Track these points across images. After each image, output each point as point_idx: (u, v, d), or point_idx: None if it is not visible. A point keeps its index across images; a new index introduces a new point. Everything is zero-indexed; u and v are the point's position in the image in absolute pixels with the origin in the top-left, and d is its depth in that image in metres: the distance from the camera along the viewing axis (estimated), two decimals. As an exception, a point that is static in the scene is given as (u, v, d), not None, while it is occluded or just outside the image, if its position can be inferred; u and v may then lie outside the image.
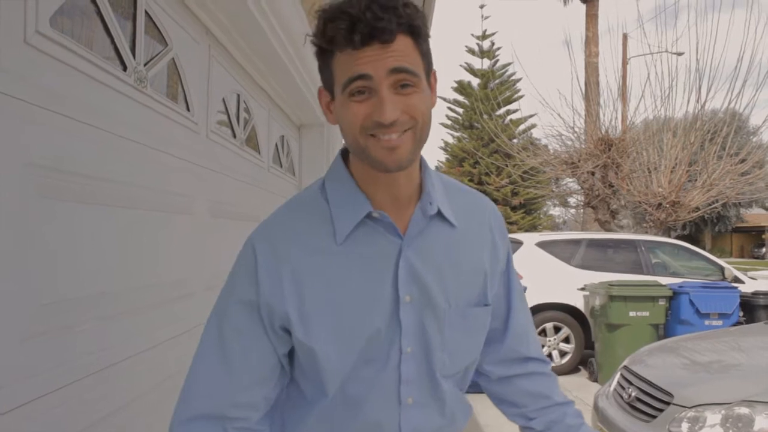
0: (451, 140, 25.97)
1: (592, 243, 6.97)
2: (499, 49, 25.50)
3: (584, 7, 17.49)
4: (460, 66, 26.15)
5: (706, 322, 5.80)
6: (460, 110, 25.58)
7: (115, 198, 1.51)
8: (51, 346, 1.23)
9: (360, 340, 0.94)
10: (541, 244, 6.82)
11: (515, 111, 24.00)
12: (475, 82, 25.38)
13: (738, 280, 6.69)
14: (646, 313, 5.82)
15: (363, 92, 0.85)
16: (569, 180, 12.45)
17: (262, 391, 0.96)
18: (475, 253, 1.04)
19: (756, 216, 33.78)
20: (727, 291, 5.95)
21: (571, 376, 6.37)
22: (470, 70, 25.67)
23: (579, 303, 6.50)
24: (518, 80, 24.82)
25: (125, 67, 1.62)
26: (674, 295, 5.94)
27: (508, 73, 25.14)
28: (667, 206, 9.57)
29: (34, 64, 1.20)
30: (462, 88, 25.50)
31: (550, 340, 6.43)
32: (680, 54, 11.00)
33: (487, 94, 21.55)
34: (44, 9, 1.23)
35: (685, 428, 2.67)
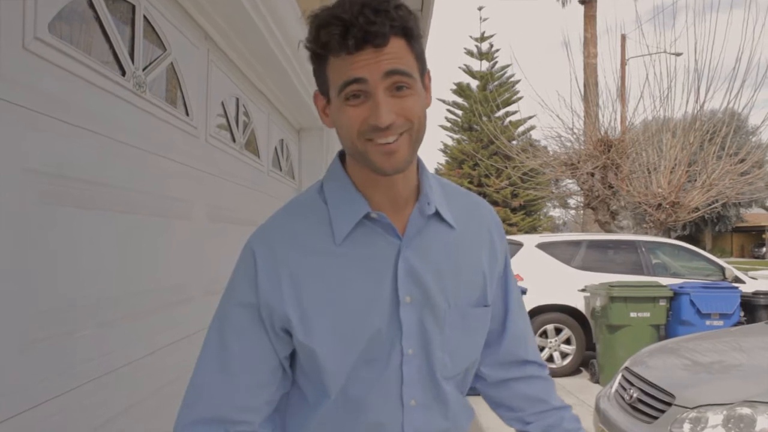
0: (450, 142, 26.02)
1: (593, 244, 6.97)
2: (497, 50, 25.58)
3: (582, 9, 17.52)
4: (459, 68, 26.24)
5: (707, 322, 5.79)
6: (460, 112, 25.62)
7: (115, 203, 1.51)
8: (51, 352, 1.23)
9: (360, 341, 0.93)
10: (542, 246, 6.81)
11: (514, 113, 24.09)
12: (474, 84, 25.45)
13: (738, 280, 6.68)
14: (647, 314, 5.81)
15: (358, 96, 0.85)
16: (569, 181, 12.44)
17: (264, 394, 0.96)
18: (474, 255, 1.04)
19: (756, 216, 33.78)
20: (728, 291, 5.95)
21: (572, 378, 6.37)
22: (469, 72, 25.71)
23: (580, 304, 6.49)
24: (517, 82, 24.90)
25: (124, 72, 1.62)
26: (675, 296, 5.94)
27: (507, 74, 25.21)
28: (667, 207, 9.57)
29: (33, 69, 1.19)
30: (461, 90, 25.54)
31: (551, 342, 6.42)
32: (679, 54, 11.01)
33: (486, 96, 21.59)
34: (43, 15, 1.23)
35: (686, 429, 2.66)
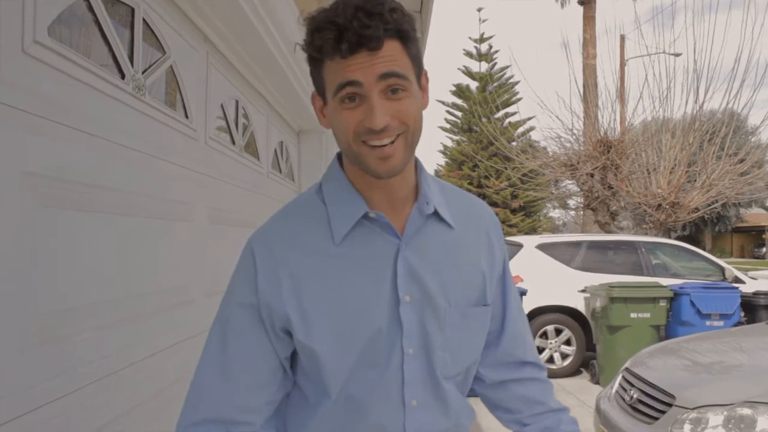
0: (450, 144, 26.01)
1: (593, 245, 6.97)
2: (497, 52, 25.57)
3: (581, 9, 17.54)
4: (458, 69, 26.23)
5: (708, 322, 5.79)
6: (459, 114, 25.61)
7: (115, 206, 1.52)
8: (51, 354, 1.23)
9: (360, 340, 0.94)
10: (541, 247, 6.81)
11: (514, 114, 24.08)
12: (474, 85, 25.44)
13: (738, 281, 6.68)
14: (647, 315, 5.81)
15: (354, 99, 0.86)
16: (568, 182, 12.44)
17: (265, 394, 0.96)
18: (473, 254, 1.04)
19: (756, 216, 33.77)
20: (728, 291, 5.95)
21: (572, 379, 6.36)
22: (468, 73, 25.71)
23: (580, 305, 6.49)
24: (516, 83, 24.90)
25: (123, 75, 1.62)
26: (675, 296, 5.94)
27: (507, 75, 25.20)
28: (667, 207, 9.57)
29: (33, 73, 1.20)
30: (460, 91, 25.54)
31: (551, 343, 6.42)
32: (678, 55, 11.02)
33: (485, 97, 21.59)
34: (42, 18, 1.23)
35: (687, 430, 2.66)
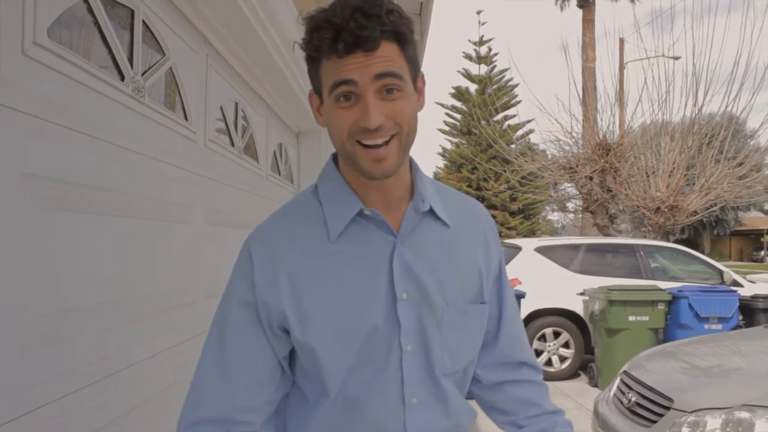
0: (449, 146, 26.05)
1: (591, 248, 6.97)
2: (496, 54, 25.64)
3: (581, 13, 17.59)
4: (458, 72, 26.27)
5: (706, 326, 5.79)
6: (458, 116, 25.66)
7: (114, 207, 1.52)
8: (51, 356, 1.23)
9: (358, 338, 0.94)
10: (540, 250, 6.82)
11: (513, 116, 24.13)
12: (473, 88, 25.48)
13: (737, 284, 6.68)
14: (645, 318, 5.81)
15: (349, 98, 0.87)
16: (567, 185, 12.45)
17: (264, 394, 0.96)
18: (470, 253, 1.05)
19: (754, 219, 33.80)
20: (727, 294, 5.95)
21: (571, 381, 6.36)
22: (468, 76, 25.76)
23: (578, 308, 6.49)
24: (516, 86, 24.95)
25: (123, 77, 1.62)
26: (673, 300, 5.94)
27: (506, 78, 25.28)
28: (666, 210, 9.58)
29: (32, 75, 1.20)
30: (460, 94, 25.58)
31: (549, 346, 6.42)
32: (677, 58, 11.03)
33: (484, 99, 21.60)
34: (42, 20, 1.23)
35: (685, 433, 2.66)
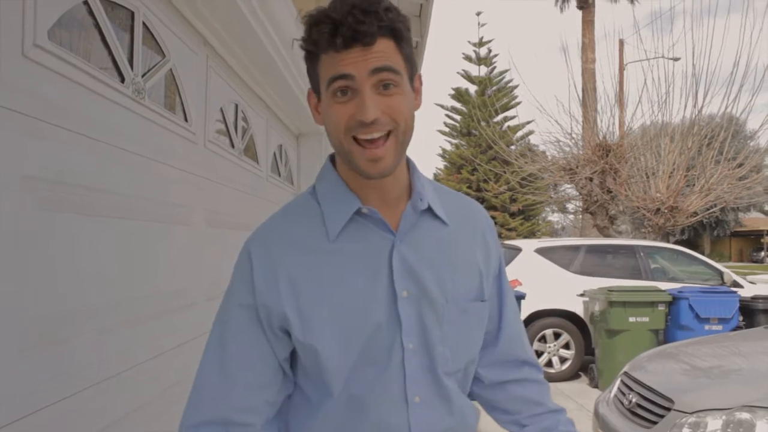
0: (449, 147, 26.02)
1: (591, 249, 6.96)
2: (496, 56, 25.62)
3: (580, 14, 17.60)
4: (458, 73, 26.26)
5: (706, 326, 5.79)
6: (458, 117, 25.64)
7: (114, 209, 1.52)
8: (50, 358, 1.23)
9: (360, 336, 0.94)
10: (540, 251, 6.81)
11: (513, 118, 24.08)
12: (473, 89, 25.46)
13: (737, 285, 6.67)
14: (645, 319, 5.81)
15: (346, 93, 0.88)
16: (567, 186, 12.45)
17: (265, 394, 0.96)
18: (469, 251, 1.05)
19: (754, 220, 33.79)
20: (727, 295, 5.94)
21: (571, 382, 6.36)
22: (467, 77, 25.74)
23: (579, 309, 6.49)
24: (515, 87, 24.92)
25: (123, 79, 1.63)
26: (674, 300, 5.94)
27: (506, 80, 25.25)
28: (666, 211, 9.58)
29: (33, 76, 1.20)
30: (459, 95, 25.57)
31: (550, 347, 6.42)
32: (677, 59, 11.04)
33: (484, 101, 21.58)
34: (42, 22, 1.23)
35: (686, 434, 2.66)
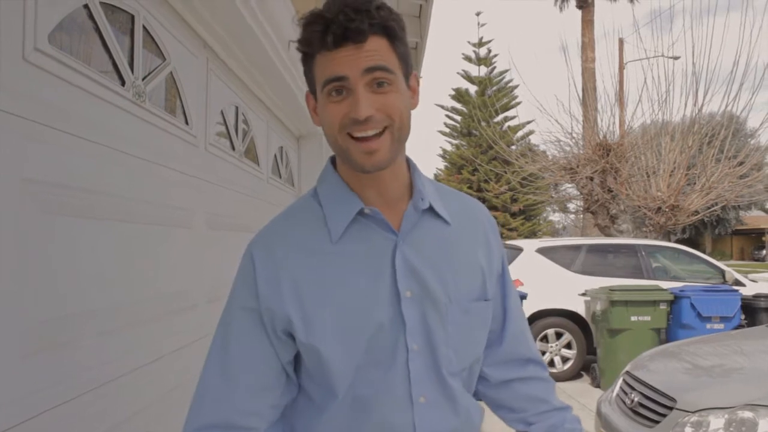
0: (449, 148, 26.05)
1: (592, 248, 6.96)
2: (495, 56, 25.65)
3: (580, 13, 17.60)
4: (458, 74, 26.28)
5: (708, 325, 5.78)
6: (458, 118, 25.66)
7: (115, 212, 1.52)
8: (51, 361, 1.23)
9: (364, 337, 0.94)
10: (542, 251, 6.81)
11: (513, 118, 24.11)
12: (473, 89, 25.47)
13: (739, 283, 6.67)
14: (647, 318, 5.80)
15: (341, 92, 0.88)
16: (568, 186, 12.45)
17: (268, 398, 0.96)
18: (471, 251, 1.05)
19: (755, 218, 33.74)
20: (729, 294, 5.94)
21: (573, 382, 6.35)
22: (467, 77, 25.76)
23: (580, 308, 6.48)
24: (515, 87, 24.95)
25: (123, 82, 1.63)
26: (675, 299, 5.93)
27: (506, 80, 25.27)
28: (667, 210, 9.57)
29: (33, 80, 1.20)
30: (459, 95, 25.58)
31: (551, 346, 6.41)
32: (676, 58, 11.02)
33: (484, 101, 21.59)
34: (43, 26, 1.23)
35: (688, 433, 2.66)
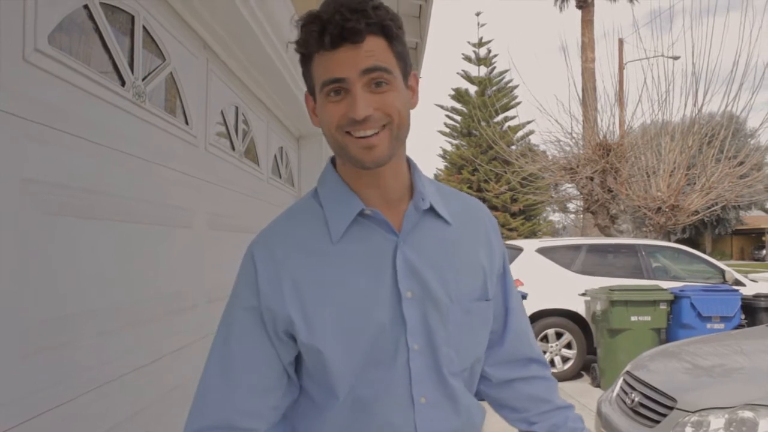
0: (449, 148, 26.05)
1: (593, 248, 6.96)
2: (495, 56, 25.64)
3: (580, 13, 17.60)
4: (457, 74, 26.27)
5: (708, 325, 5.78)
6: (458, 118, 25.66)
7: (115, 212, 1.52)
8: (51, 361, 1.23)
9: (365, 338, 0.94)
10: (542, 251, 6.81)
11: (513, 118, 24.11)
12: (473, 89, 25.47)
13: (739, 283, 6.66)
14: (647, 318, 5.80)
15: (339, 92, 0.89)
16: (568, 185, 12.44)
17: (270, 399, 0.96)
18: (472, 251, 1.05)
19: (755, 218, 33.73)
20: (729, 294, 5.94)
21: (573, 382, 6.35)
22: (467, 77, 25.75)
23: (580, 308, 6.48)
24: (515, 87, 24.95)
25: (123, 82, 1.63)
26: (675, 299, 5.93)
27: (506, 80, 25.27)
28: (667, 210, 9.57)
29: (33, 81, 1.20)
30: (459, 95, 25.58)
31: (552, 346, 6.41)
32: (676, 58, 11.02)
33: (484, 101, 21.59)
34: (43, 26, 1.24)
35: (689, 433, 2.66)
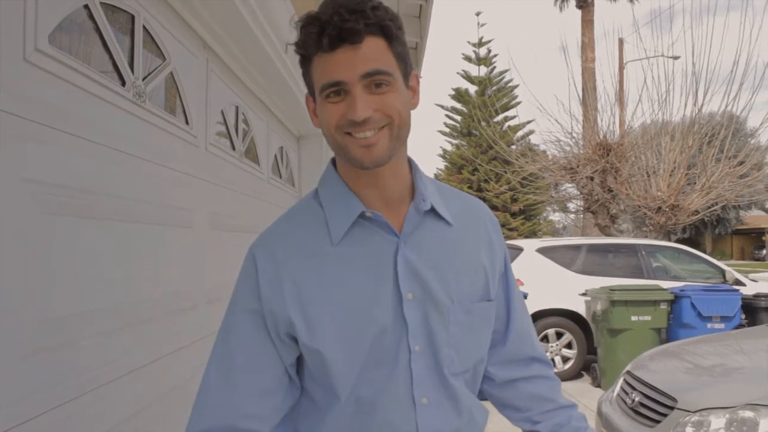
0: (449, 148, 26.03)
1: (593, 248, 6.96)
2: (495, 56, 25.62)
3: (580, 13, 17.60)
4: (458, 74, 26.26)
5: (708, 325, 5.78)
6: (458, 118, 25.65)
7: (115, 212, 1.52)
8: (50, 362, 1.23)
9: (366, 339, 0.94)
10: (542, 250, 6.81)
11: (513, 117, 24.09)
12: (473, 89, 25.45)
13: (739, 283, 6.66)
14: (648, 318, 5.80)
15: (339, 93, 0.89)
16: (568, 185, 12.44)
17: (271, 401, 0.96)
18: (473, 251, 1.04)
19: (756, 218, 33.72)
20: (729, 294, 5.94)
21: (574, 382, 6.35)
22: (467, 77, 25.74)
23: (581, 308, 6.48)
24: (515, 87, 24.93)
25: (124, 82, 1.63)
26: (676, 299, 5.93)
27: (506, 80, 25.25)
28: (667, 210, 9.57)
29: (34, 81, 1.20)
30: (459, 95, 25.57)
31: (552, 346, 6.41)
32: (676, 58, 11.01)
33: (484, 101, 21.57)
34: (43, 26, 1.23)
35: (689, 433, 2.65)
